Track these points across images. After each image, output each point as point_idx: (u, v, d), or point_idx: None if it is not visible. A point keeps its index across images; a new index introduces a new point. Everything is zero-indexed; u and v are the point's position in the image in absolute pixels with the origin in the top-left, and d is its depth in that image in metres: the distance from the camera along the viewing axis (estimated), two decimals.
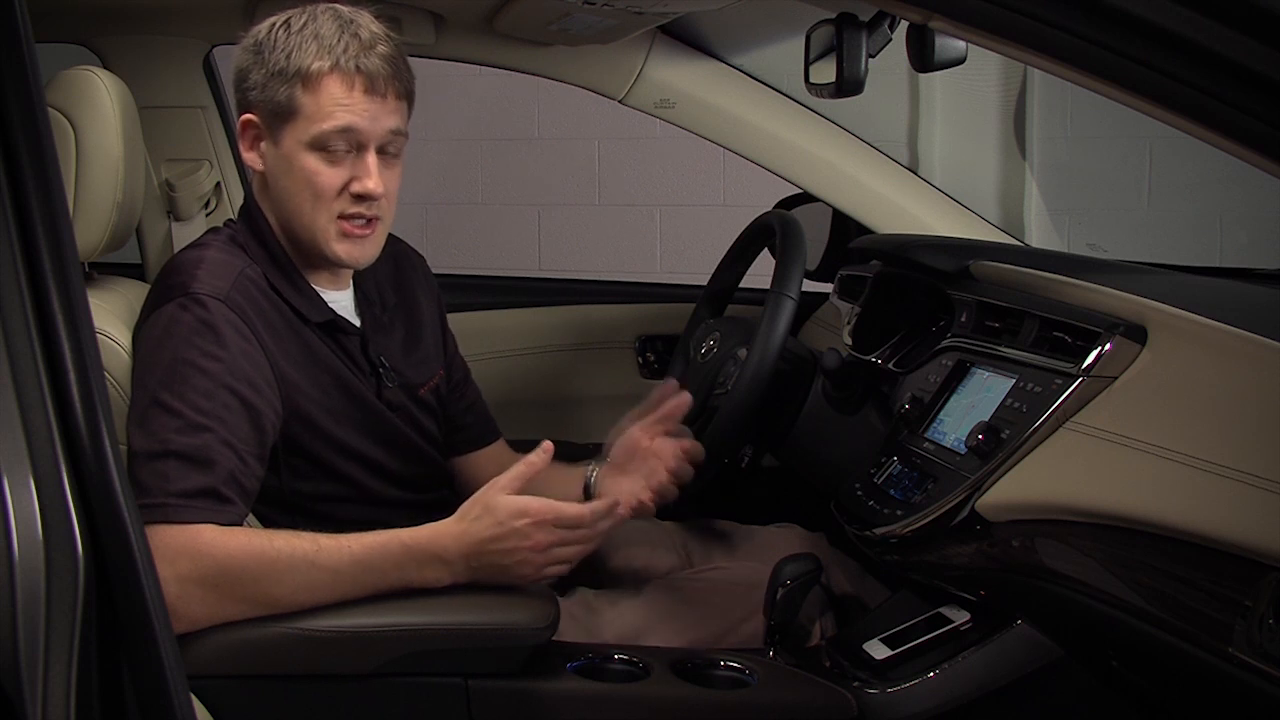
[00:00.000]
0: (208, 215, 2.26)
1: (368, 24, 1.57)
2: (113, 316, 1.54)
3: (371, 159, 1.56)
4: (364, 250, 1.61)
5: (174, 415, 1.43)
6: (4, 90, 0.98)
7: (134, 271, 2.08)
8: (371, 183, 1.56)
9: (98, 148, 1.56)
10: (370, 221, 1.59)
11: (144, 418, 1.45)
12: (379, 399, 1.67)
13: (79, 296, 0.99)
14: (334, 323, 1.64)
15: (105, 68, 1.76)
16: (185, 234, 2.22)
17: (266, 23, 1.59)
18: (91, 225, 1.56)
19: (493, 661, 1.46)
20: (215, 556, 1.39)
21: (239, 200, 2.29)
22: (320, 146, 1.55)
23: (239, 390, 1.48)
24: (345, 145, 1.55)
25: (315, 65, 1.53)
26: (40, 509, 0.94)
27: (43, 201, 0.98)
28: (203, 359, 1.47)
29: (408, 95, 1.59)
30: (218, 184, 2.27)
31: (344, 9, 1.58)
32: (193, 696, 1.15)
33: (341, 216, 1.58)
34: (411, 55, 1.63)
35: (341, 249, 1.60)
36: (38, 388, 0.96)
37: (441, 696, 1.44)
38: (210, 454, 1.43)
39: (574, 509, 1.46)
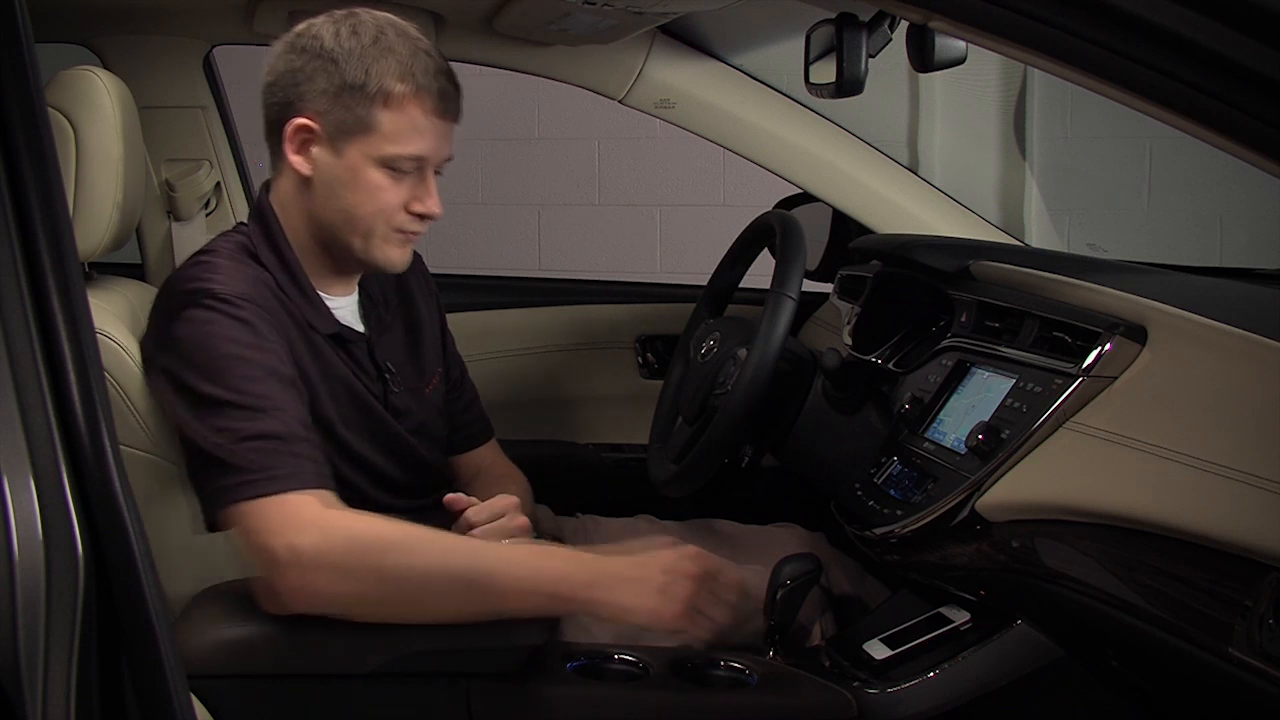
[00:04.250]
0: (208, 215, 2.26)
1: (423, 37, 1.58)
2: (113, 316, 1.54)
3: (433, 181, 1.59)
4: (407, 256, 1.64)
5: (239, 408, 1.43)
6: (4, 90, 0.98)
7: (134, 271, 2.08)
8: (435, 205, 1.59)
9: (98, 148, 1.56)
10: (415, 232, 1.62)
11: (206, 417, 1.44)
12: (385, 405, 1.67)
13: (79, 296, 0.99)
14: (341, 334, 1.65)
15: (105, 68, 1.75)
16: (185, 234, 2.22)
17: (324, 27, 1.57)
18: (91, 225, 1.56)
19: (493, 661, 1.46)
20: (339, 525, 1.39)
21: (239, 200, 2.30)
22: (388, 165, 1.55)
23: (287, 376, 1.49)
24: (411, 166, 1.56)
25: (399, 88, 1.53)
26: (40, 509, 0.94)
27: (43, 201, 0.98)
28: (248, 350, 1.47)
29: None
30: (218, 184, 2.27)
31: (391, 19, 1.57)
32: (193, 696, 1.15)
33: (395, 229, 1.59)
34: None
35: (394, 253, 1.61)
36: (38, 388, 0.96)
37: (441, 696, 1.44)
38: (288, 430, 1.44)
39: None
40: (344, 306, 1.68)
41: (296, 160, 1.58)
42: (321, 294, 1.64)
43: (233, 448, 1.41)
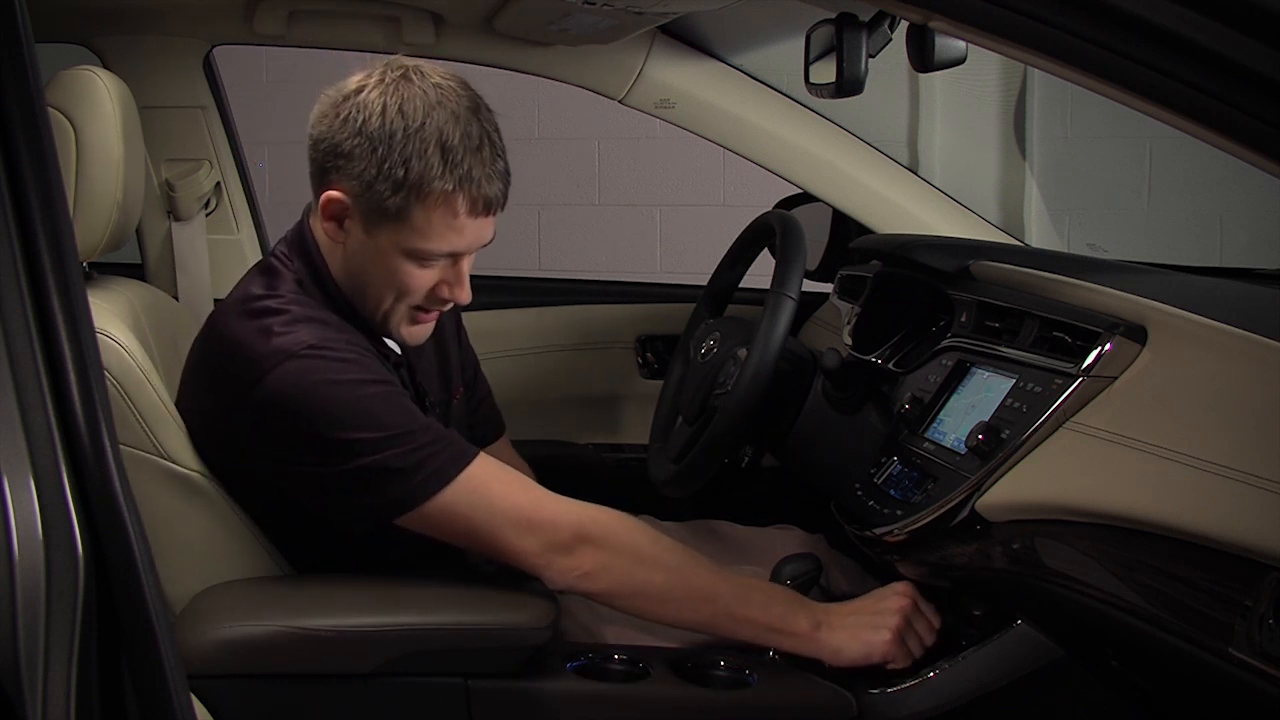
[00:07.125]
0: (208, 215, 2.26)
1: (475, 118, 1.51)
2: (113, 316, 1.54)
3: (466, 269, 1.55)
4: (427, 332, 1.62)
5: (390, 436, 1.44)
6: (4, 90, 0.98)
7: (134, 271, 2.08)
8: (464, 295, 1.56)
9: (98, 148, 1.56)
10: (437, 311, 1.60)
11: (356, 454, 1.43)
12: None
13: (79, 296, 0.99)
14: (398, 360, 1.64)
15: (105, 68, 1.76)
16: (185, 234, 2.23)
17: (373, 98, 1.48)
18: (91, 225, 1.56)
19: (493, 661, 1.46)
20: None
21: (239, 200, 2.30)
22: (418, 257, 1.52)
23: (409, 398, 1.52)
24: (443, 258, 1.53)
25: (438, 185, 1.46)
26: (40, 509, 0.94)
27: (43, 201, 0.98)
28: (372, 388, 1.47)
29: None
30: (218, 184, 2.27)
31: (446, 91, 1.50)
32: (193, 696, 1.15)
33: (416, 308, 1.57)
34: (411, 55, 1.62)
35: (408, 333, 1.60)
36: (38, 388, 0.96)
37: (441, 696, 1.44)
38: (444, 429, 1.50)
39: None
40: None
41: (328, 227, 1.54)
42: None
43: (402, 456, 1.43)
